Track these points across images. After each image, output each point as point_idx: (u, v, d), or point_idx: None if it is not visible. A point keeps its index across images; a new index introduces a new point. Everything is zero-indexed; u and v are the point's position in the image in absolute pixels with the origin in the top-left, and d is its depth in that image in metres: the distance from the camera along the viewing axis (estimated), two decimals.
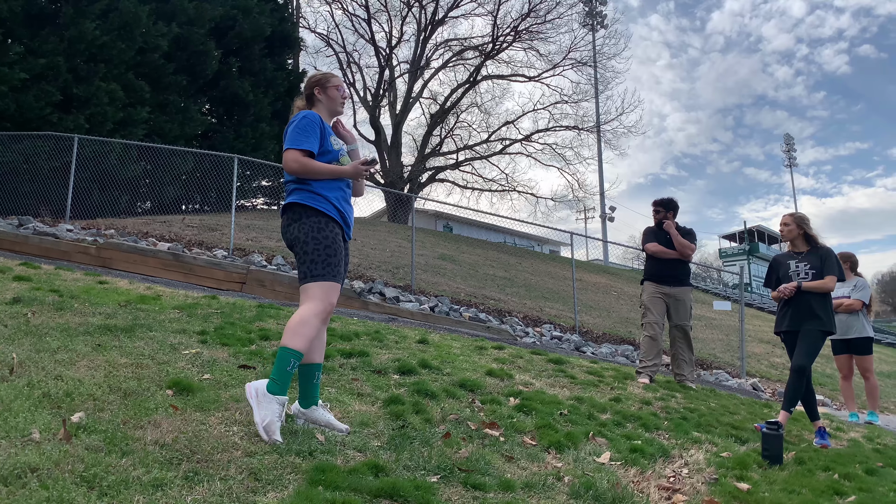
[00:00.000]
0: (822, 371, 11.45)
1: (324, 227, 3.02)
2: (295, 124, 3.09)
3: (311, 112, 3.15)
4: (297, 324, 2.87)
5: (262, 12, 18.31)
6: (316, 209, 3.03)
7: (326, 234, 3.01)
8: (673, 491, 3.04)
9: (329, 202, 3.07)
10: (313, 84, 3.32)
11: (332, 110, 3.32)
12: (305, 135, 3.05)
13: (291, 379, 2.88)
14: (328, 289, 2.97)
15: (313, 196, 3.05)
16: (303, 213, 3.04)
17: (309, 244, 2.98)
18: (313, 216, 3.03)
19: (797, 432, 4.98)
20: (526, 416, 3.91)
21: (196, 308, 5.75)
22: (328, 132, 3.19)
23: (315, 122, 3.11)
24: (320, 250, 2.97)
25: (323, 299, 2.95)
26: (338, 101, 3.32)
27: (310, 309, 2.92)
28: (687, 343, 6.41)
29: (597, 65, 34.20)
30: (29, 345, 3.60)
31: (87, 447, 2.22)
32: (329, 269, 2.98)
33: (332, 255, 2.99)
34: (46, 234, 9.38)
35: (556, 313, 12.51)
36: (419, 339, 6.08)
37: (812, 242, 5.05)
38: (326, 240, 3.00)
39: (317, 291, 2.96)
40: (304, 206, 3.04)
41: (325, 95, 3.28)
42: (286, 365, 2.82)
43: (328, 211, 3.05)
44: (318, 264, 2.97)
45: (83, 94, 13.60)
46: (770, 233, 47.17)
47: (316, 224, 3.01)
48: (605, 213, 41.82)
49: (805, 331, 4.76)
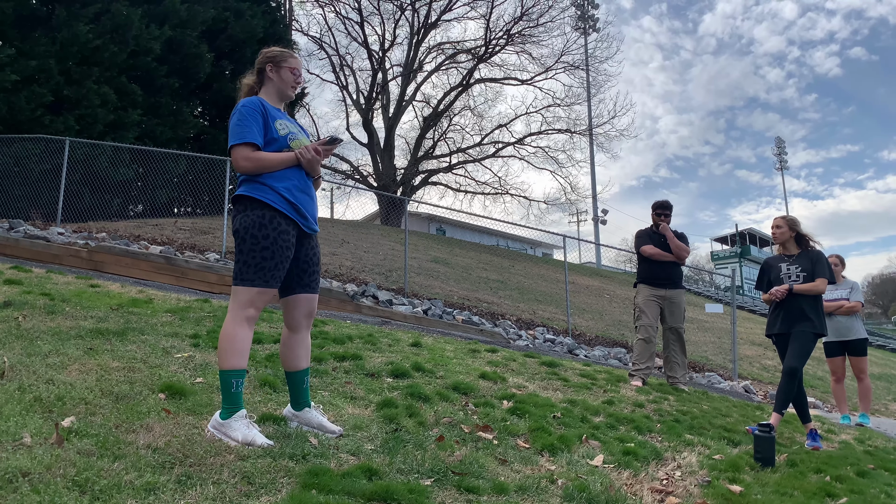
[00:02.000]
0: (814, 373, 11.50)
1: (267, 223, 2.77)
2: (236, 115, 2.85)
3: (248, 99, 2.90)
4: (226, 341, 2.72)
5: (255, 15, 18.27)
6: (261, 202, 2.79)
7: (268, 231, 2.76)
8: (666, 493, 3.05)
9: (277, 193, 2.82)
10: (267, 59, 3.04)
11: (283, 93, 3.06)
12: (247, 126, 2.81)
13: (242, 394, 2.74)
14: (255, 295, 2.77)
15: (259, 187, 2.82)
16: (248, 204, 2.81)
17: (246, 241, 2.75)
18: (258, 209, 2.79)
19: (789, 434, 5.00)
20: (519, 419, 3.91)
21: (188, 311, 5.73)
22: (273, 116, 2.92)
23: (255, 109, 2.86)
24: (256, 251, 2.74)
25: (247, 306, 2.76)
26: (289, 84, 3.05)
27: (232, 319, 2.74)
28: (680, 345, 6.44)
29: (589, 68, 34.45)
30: (20, 349, 3.58)
31: (78, 451, 2.20)
32: (261, 274, 2.75)
33: (269, 259, 2.75)
34: (37, 238, 9.33)
35: (549, 316, 12.53)
36: (412, 342, 6.08)
37: (803, 245, 5.08)
38: (266, 239, 2.75)
39: (243, 297, 2.76)
40: (250, 199, 2.81)
41: (276, 74, 3.03)
42: (230, 388, 2.69)
43: (275, 203, 2.80)
44: (250, 267, 2.74)
45: (74, 96, 13.54)
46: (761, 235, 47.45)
47: (258, 219, 2.76)
48: (597, 215, 41.91)
49: (797, 333, 4.79)
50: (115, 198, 13.92)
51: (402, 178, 31.64)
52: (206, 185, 13.48)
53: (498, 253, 23.46)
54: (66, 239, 9.69)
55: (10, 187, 11.84)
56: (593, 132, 33.91)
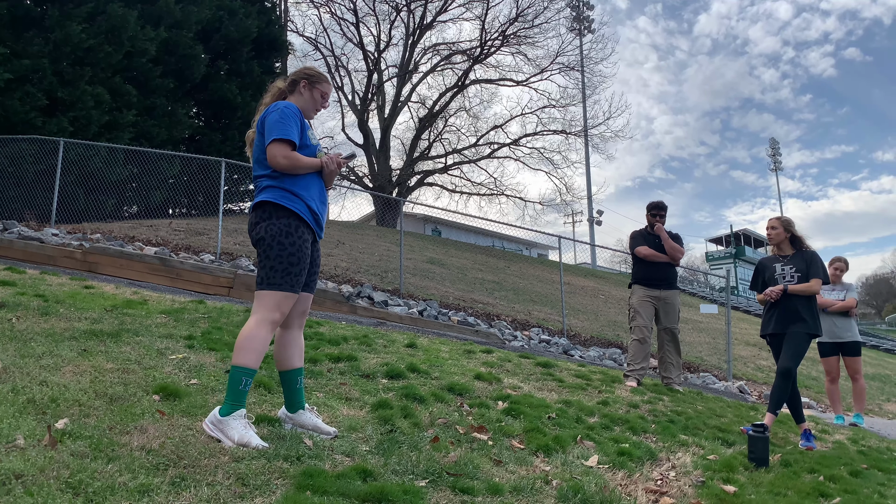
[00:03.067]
0: (808, 374, 11.54)
1: (293, 231, 2.84)
2: (278, 113, 2.90)
3: (290, 103, 2.98)
4: (246, 339, 2.75)
5: (249, 15, 18.25)
6: (289, 209, 2.85)
7: (294, 239, 2.84)
8: (660, 494, 3.06)
9: (303, 202, 2.90)
10: (304, 76, 3.13)
11: (305, 112, 3.12)
12: (289, 125, 2.87)
13: (247, 394, 2.76)
14: (282, 299, 2.82)
15: (287, 195, 2.87)
16: (273, 212, 2.86)
17: (273, 248, 2.81)
18: (284, 217, 2.85)
19: (783, 435, 5.02)
20: (514, 420, 3.92)
21: (183, 313, 5.72)
22: (306, 126, 3.03)
23: (296, 112, 2.94)
24: (283, 257, 2.81)
25: (273, 310, 2.81)
26: (317, 106, 3.15)
27: (257, 321, 2.78)
28: (675, 346, 6.45)
29: (584, 69, 34.44)
30: (13, 350, 3.56)
31: (72, 453, 2.20)
32: (287, 279, 2.82)
33: (295, 265, 2.83)
34: (31, 239, 9.30)
35: (544, 317, 12.54)
36: (408, 343, 6.08)
37: (797, 245, 5.10)
38: (293, 246, 2.83)
39: (269, 301, 2.81)
40: (276, 206, 2.86)
41: (309, 93, 3.11)
42: (238, 384, 2.71)
43: (301, 212, 2.88)
44: (278, 272, 2.80)
45: (68, 97, 13.50)
46: (756, 236, 47.55)
47: (285, 227, 2.83)
48: (592, 216, 42.01)
49: (791, 333, 4.80)
50: (110, 199, 13.89)
51: (397, 178, 31.64)
52: (201, 186, 13.47)
53: (493, 254, 23.48)
54: (61, 240, 9.66)
55: (4, 188, 11.80)
56: (588, 133, 34.02)
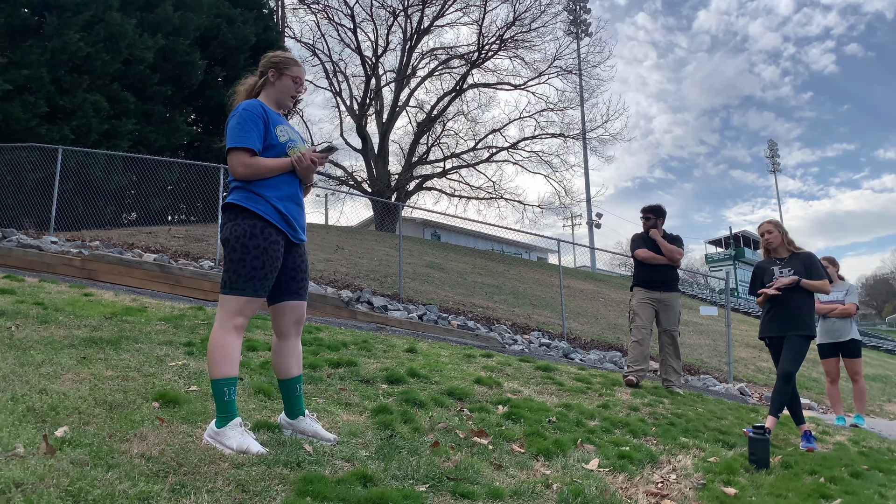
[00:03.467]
0: (808, 375, 11.53)
1: (258, 233, 2.75)
2: (235, 118, 2.80)
3: (249, 102, 2.87)
4: (215, 349, 2.71)
5: (247, 21, 18.27)
6: (252, 211, 2.78)
7: (258, 241, 2.75)
8: (661, 496, 3.05)
9: (268, 203, 2.81)
10: (271, 64, 3.00)
11: (281, 102, 3.03)
12: (246, 130, 2.77)
13: (235, 402, 2.74)
14: (244, 304, 2.76)
15: (250, 196, 2.80)
16: (238, 214, 2.79)
17: (236, 251, 2.74)
18: (248, 219, 2.77)
19: (784, 436, 5.02)
20: (514, 424, 3.92)
21: (182, 319, 5.72)
22: (274, 121, 2.90)
23: (256, 114, 2.82)
24: (246, 261, 2.73)
25: (235, 315, 2.75)
26: (289, 94, 3.02)
27: (221, 328, 2.74)
28: (674, 348, 6.46)
29: (582, 73, 34.50)
30: (13, 358, 3.56)
31: (72, 461, 2.20)
32: (251, 284, 2.74)
33: (259, 268, 2.75)
34: (30, 247, 9.30)
35: (544, 320, 12.54)
36: (407, 347, 6.07)
37: (791, 248, 5.12)
38: (256, 249, 2.74)
39: (231, 305, 2.75)
40: (240, 208, 2.79)
41: (279, 81, 3.00)
42: (223, 396, 2.68)
43: (265, 214, 2.79)
44: (240, 276, 2.73)
45: (68, 105, 13.52)
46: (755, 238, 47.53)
47: (249, 229, 2.75)
48: (591, 219, 42.03)
49: (790, 337, 4.80)
50: (109, 206, 13.89)
51: (396, 183, 31.65)
52: (200, 193, 13.47)
53: (493, 258, 23.48)
54: (60, 248, 9.66)
55: (3, 196, 11.80)
56: (587, 136, 34.03)
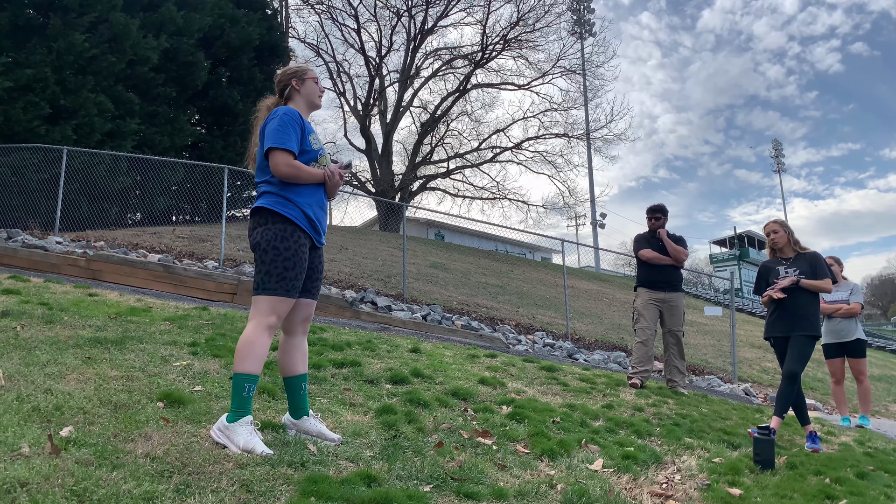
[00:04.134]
0: (814, 375, 11.50)
1: (288, 236, 2.88)
2: (277, 120, 2.94)
3: (289, 109, 3.01)
4: (245, 345, 2.79)
5: (251, 22, 18.30)
6: (283, 216, 2.90)
7: (289, 244, 2.87)
8: (665, 497, 3.05)
9: (299, 209, 2.93)
10: (290, 76, 3.17)
11: (311, 103, 3.19)
12: (288, 133, 2.91)
13: (251, 400, 2.78)
14: (277, 303, 2.86)
15: (282, 201, 2.92)
16: (269, 218, 2.91)
17: (268, 253, 2.85)
18: (279, 223, 2.89)
19: (789, 437, 5.00)
20: (518, 424, 3.91)
21: (187, 319, 5.73)
22: (308, 129, 3.05)
23: (295, 119, 2.97)
24: (278, 262, 2.84)
25: (269, 314, 2.85)
26: (316, 93, 3.20)
27: (255, 326, 2.83)
28: (679, 349, 6.44)
29: (585, 73, 34.53)
30: (18, 358, 3.57)
31: (77, 461, 2.20)
32: (283, 284, 2.85)
33: (290, 269, 2.86)
34: (35, 247, 9.32)
35: (548, 320, 12.53)
36: (411, 348, 6.07)
37: (797, 247, 5.10)
38: (288, 251, 2.86)
39: (264, 306, 2.85)
40: (272, 212, 2.91)
41: (303, 87, 3.16)
42: (241, 391, 2.74)
43: (296, 219, 2.91)
44: (273, 277, 2.84)
45: (71, 105, 13.55)
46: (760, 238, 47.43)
47: (280, 232, 2.87)
48: (595, 219, 41.94)
49: (795, 338, 4.78)
50: (113, 206, 13.93)
51: (400, 183, 31.69)
52: (205, 193, 13.51)
53: (497, 258, 23.46)
54: (64, 248, 9.69)
55: (8, 197, 11.84)
56: (591, 136, 34.02)
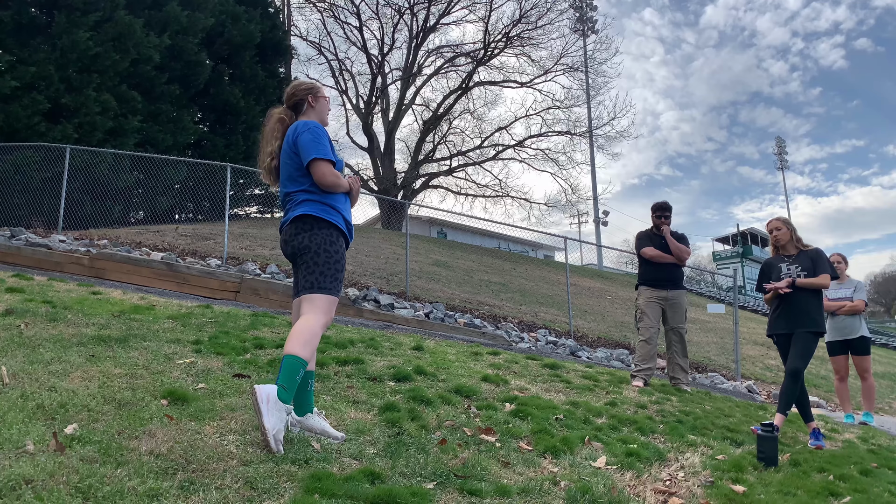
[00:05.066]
0: (817, 372, 11.49)
1: (335, 240, 3.08)
2: (311, 133, 3.11)
3: (317, 123, 3.20)
4: (307, 333, 2.90)
5: (252, 19, 18.30)
6: (329, 222, 3.09)
7: (337, 248, 3.08)
8: (669, 494, 3.05)
9: (340, 215, 3.15)
10: (307, 91, 3.33)
11: (322, 120, 3.35)
12: (325, 145, 3.10)
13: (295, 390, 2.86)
14: (332, 303, 3.04)
15: (327, 209, 3.11)
16: (315, 224, 3.08)
17: (321, 255, 3.03)
18: (325, 228, 3.08)
19: (792, 434, 5.00)
20: (522, 422, 3.91)
21: (190, 317, 5.74)
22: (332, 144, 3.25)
23: (325, 132, 3.18)
24: (331, 264, 3.03)
25: (328, 312, 3.02)
26: (327, 111, 3.38)
27: (318, 321, 2.96)
28: (682, 346, 6.44)
29: (588, 70, 34.47)
30: (22, 356, 3.58)
31: (81, 458, 2.21)
32: (336, 285, 3.05)
33: (340, 271, 3.07)
34: (39, 246, 9.34)
35: (550, 318, 12.52)
36: (414, 345, 6.07)
37: (800, 245, 5.10)
38: (337, 254, 3.07)
39: (324, 304, 3.00)
40: (317, 219, 3.08)
41: (318, 103, 3.33)
42: (295, 374, 2.79)
43: (339, 224, 3.13)
44: (328, 277, 3.02)
45: (73, 103, 13.56)
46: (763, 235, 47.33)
47: (328, 237, 3.07)
48: (598, 217, 41.91)
49: (798, 334, 4.78)
50: (116, 205, 13.95)
51: (402, 181, 31.68)
52: (207, 191, 13.51)
53: (499, 255, 23.46)
54: (68, 246, 9.71)
55: (11, 195, 11.87)
56: (593, 133, 33.98)
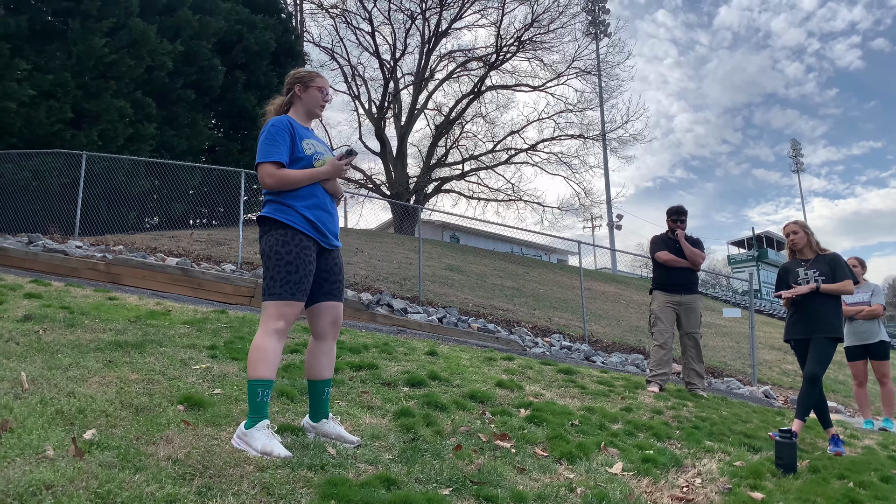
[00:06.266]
0: (835, 378, 11.36)
1: (289, 240, 2.91)
2: (264, 134, 2.98)
3: (278, 119, 3.04)
4: (255, 351, 2.83)
5: (267, 27, 18.44)
6: (282, 223, 2.94)
7: (290, 248, 2.90)
8: (686, 501, 3.02)
9: (297, 212, 2.96)
10: (296, 80, 3.18)
11: (311, 111, 3.19)
12: (274, 145, 2.94)
13: (267, 404, 2.81)
14: (283, 308, 2.88)
15: (280, 208, 2.96)
16: (270, 226, 2.96)
17: (271, 259, 2.89)
18: (279, 229, 2.93)
19: (811, 440, 4.94)
20: (537, 428, 3.90)
21: (205, 323, 5.77)
22: (301, 135, 3.05)
23: (283, 128, 2.99)
24: (280, 266, 2.87)
25: (277, 319, 2.87)
26: (318, 103, 3.19)
27: (262, 332, 2.86)
28: (697, 351, 6.39)
29: (601, 73, 34.33)
30: (41, 362, 3.62)
31: (100, 463, 2.22)
32: (287, 288, 2.88)
33: (293, 273, 2.88)
34: (56, 251, 9.44)
35: (564, 323, 12.48)
36: (428, 350, 6.07)
37: (818, 249, 5.04)
38: (289, 255, 2.88)
39: (271, 311, 2.88)
40: (271, 220, 2.95)
41: (305, 94, 3.16)
42: (255, 397, 2.77)
43: (295, 223, 2.94)
44: (277, 282, 2.87)
45: (94, 109, 13.70)
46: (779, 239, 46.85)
47: (281, 237, 2.91)
48: (612, 221, 41.74)
49: (816, 339, 4.73)
50: (132, 211, 14.06)
51: (414, 186, 31.72)
52: (222, 197, 13.59)
53: (512, 260, 23.42)
54: (84, 252, 9.80)
55: (29, 202, 11.99)
56: (606, 137, 33.86)
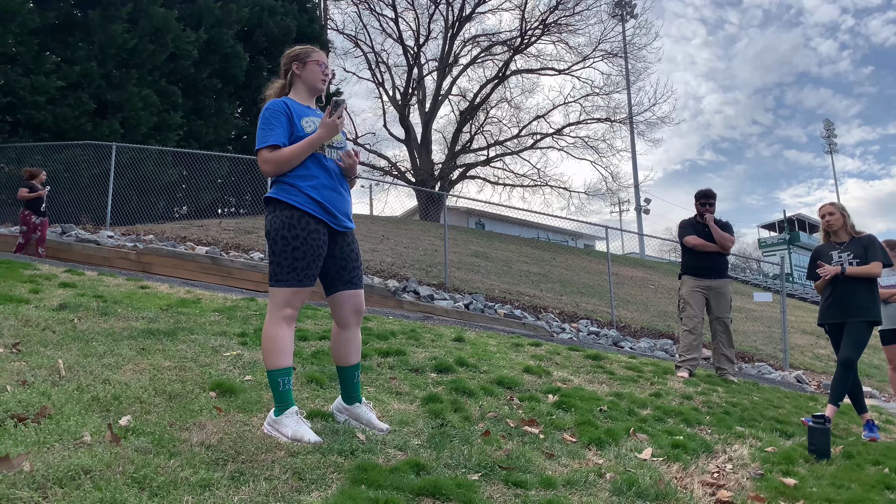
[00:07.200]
0: (870, 362, 11.16)
1: (295, 223, 2.79)
2: (261, 119, 2.88)
3: (272, 101, 2.92)
4: (266, 341, 2.80)
5: (289, 13, 18.46)
6: (288, 203, 2.82)
7: (297, 232, 2.78)
8: (717, 487, 2.99)
9: (302, 193, 2.83)
10: (292, 59, 3.07)
11: (313, 87, 3.07)
12: (270, 128, 2.83)
13: (291, 391, 2.80)
14: (291, 295, 2.81)
15: (285, 188, 2.85)
16: (276, 207, 2.84)
17: (277, 243, 2.79)
18: (285, 210, 2.81)
19: (844, 426, 4.87)
20: (565, 413, 3.89)
21: (235, 310, 5.84)
22: (299, 114, 2.93)
23: (278, 109, 2.88)
24: (287, 252, 2.77)
25: (284, 306, 2.80)
26: (318, 77, 3.06)
27: (271, 320, 2.81)
28: (727, 336, 6.31)
29: (627, 55, 33.88)
30: (77, 350, 3.70)
31: (136, 449, 2.27)
32: (294, 274, 2.78)
33: (300, 258, 2.78)
34: (88, 241, 9.62)
35: (592, 308, 12.41)
36: (455, 336, 6.08)
37: (853, 231, 4.93)
38: (296, 240, 2.77)
39: (278, 297, 2.81)
40: (276, 201, 2.84)
41: (304, 70, 3.04)
42: (277, 386, 2.76)
43: (300, 204, 2.81)
44: (284, 268, 2.78)
45: (117, 99, 13.88)
46: (811, 221, 46.06)
47: (287, 220, 2.79)
48: (640, 205, 41.31)
49: (851, 323, 4.64)
50: (161, 200, 14.27)
51: (439, 172, 31.69)
52: (249, 186, 13.75)
53: (538, 245, 23.33)
54: (116, 242, 9.98)
55: (61, 193, 12.22)
56: (634, 120, 33.45)
